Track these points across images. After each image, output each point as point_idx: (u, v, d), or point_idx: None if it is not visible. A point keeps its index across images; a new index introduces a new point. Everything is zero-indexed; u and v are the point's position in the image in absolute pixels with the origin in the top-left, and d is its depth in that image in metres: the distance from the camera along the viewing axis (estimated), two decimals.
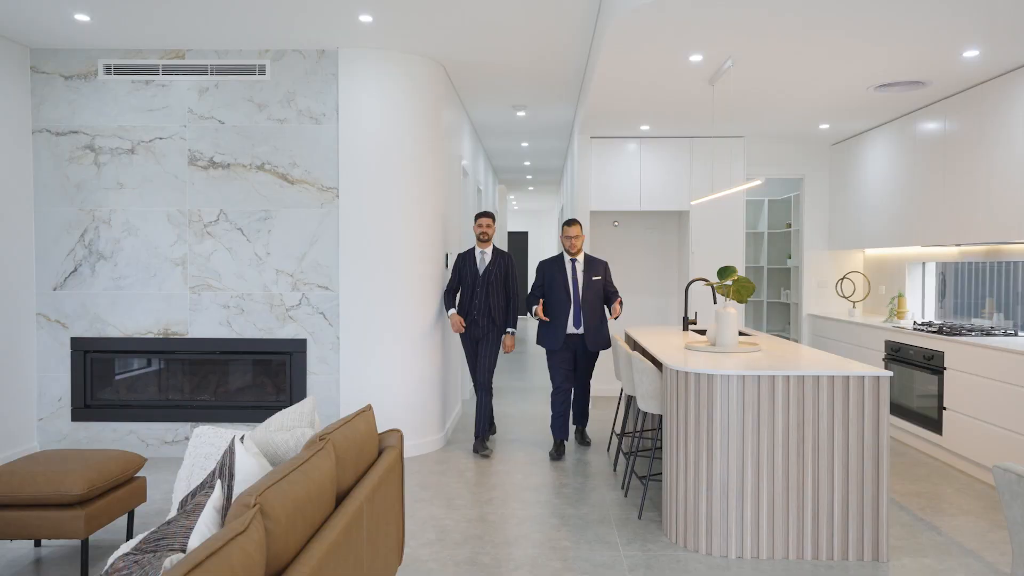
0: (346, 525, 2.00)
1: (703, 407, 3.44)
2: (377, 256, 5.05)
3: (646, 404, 4.00)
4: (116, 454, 3.38)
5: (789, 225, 8.37)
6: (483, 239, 5.29)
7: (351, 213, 5.06)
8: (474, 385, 5.39)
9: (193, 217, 5.09)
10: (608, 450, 5.33)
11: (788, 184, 8.52)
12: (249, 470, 2.08)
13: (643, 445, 5.12)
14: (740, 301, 4.32)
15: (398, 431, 2.82)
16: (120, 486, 3.37)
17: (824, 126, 6.52)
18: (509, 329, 5.28)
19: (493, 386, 6.11)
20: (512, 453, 5.26)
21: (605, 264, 5.25)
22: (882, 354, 5.86)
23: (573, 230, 5.15)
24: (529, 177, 12.43)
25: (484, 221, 5.30)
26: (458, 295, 5.44)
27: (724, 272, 4.26)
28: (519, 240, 17.47)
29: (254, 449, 2.27)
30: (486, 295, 5.27)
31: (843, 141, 7.22)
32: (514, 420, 6.40)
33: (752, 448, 3.38)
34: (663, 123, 6.39)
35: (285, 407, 5.07)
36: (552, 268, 5.22)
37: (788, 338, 8.20)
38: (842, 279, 7.27)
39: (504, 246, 13.08)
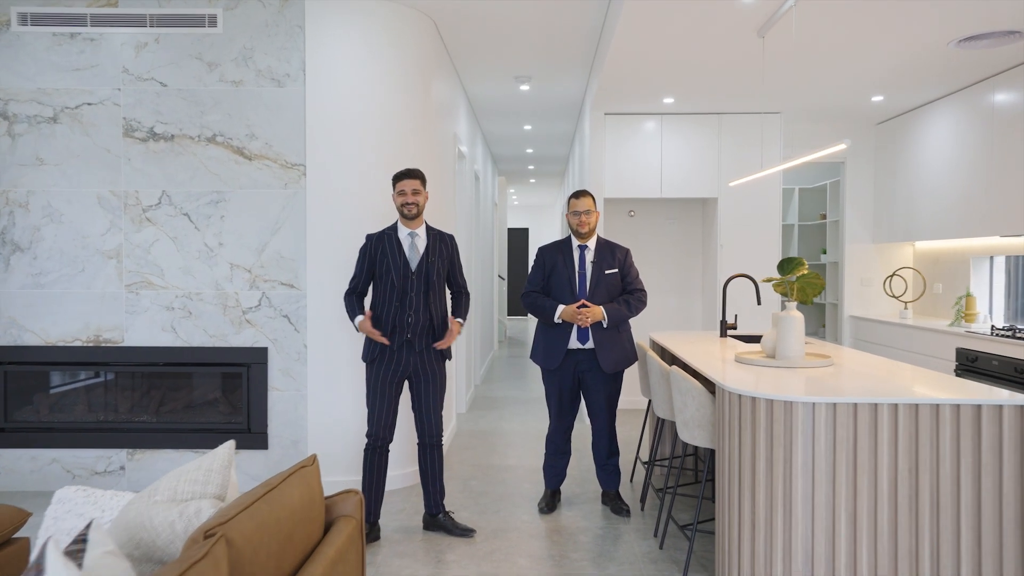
0: None
1: (778, 445, 2.55)
2: (352, 247, 4.14)
3: (691, 434, 3.11)
4: None
5: (823, 216, 7.49)
6: (408, 213, 3.45)
7: (321, 195, 4.16)
8: (365, 439, 3.60)
9: (129, 200, 4.19)
10: (631, 481, 4.43)
11: (821, 171, 7.63)
12: None
13: (678, 475, 4.22)
14: (804, 302, 3.43)
15: (356, 494, 1.92)
16: None
17: (877, 98, 5.63)
18: (459, 318, 3.63)
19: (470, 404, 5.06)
20: (516, 485, 4.36)
21: (626, 252, 3.88)
22: (952, 364, 4.97)
23: (583, 203, 3.78)
24: (531, 168, 11.54)
25: (408, 184, 3.44)
26: (367, 302, 3.64)
27: (788, 265, 3.37)
28: (519, 237, 16.58)
29: (105, 548, 1.37)
30: (425, 302, 3.45)
31: (892, 119, 6.33)
32: (517, 437, 5.51)
33: (847, 501, 2.49)
34: (691, 94, 5.50)
35: (242, 430, 4.19)
36: (554, 255, 3.86)
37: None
38: (891, 276, 6.38)
39: (503, 244, 12.16)
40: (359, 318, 3.46)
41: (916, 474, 2.47)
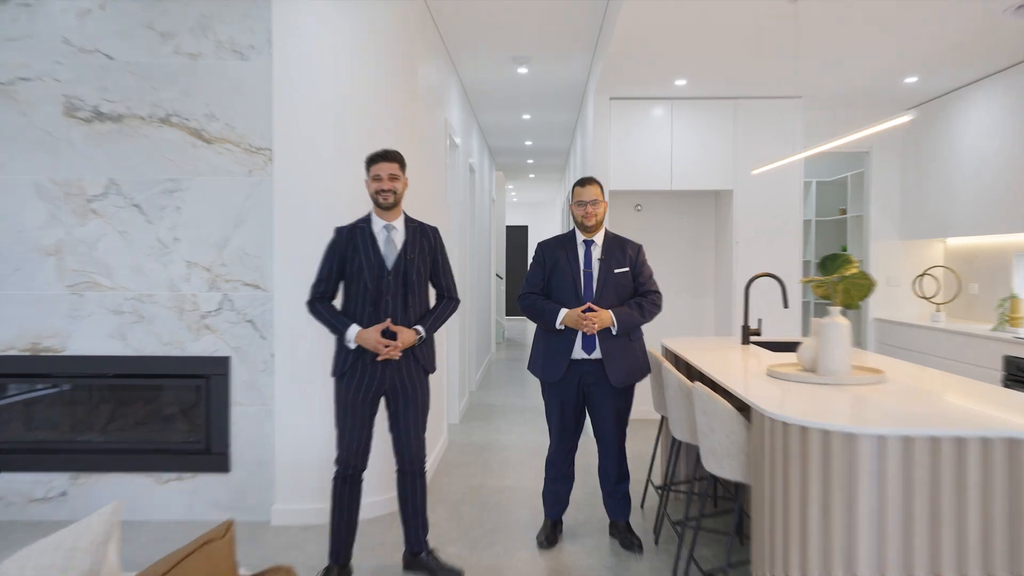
0: None
1: (836, 485, 2.04)
2: (326, 243, 3.64)
3: (719, 465, 2.61)
4: None
5: (843, 211, 6.98)
6: (384, 202, 2.94)
7: (290, 183, 3.65)
8: (342, 466, 2.98)
9: (72, 189, 3.69)
10: (643, 507, 3.92)
11: (842, 163, 7.12)
12: None
13: (700, 507, 3.70)
14: (850, 306, 2.93)
15: (287, 572, 1.41)
16: None
17: (911, 79, 5.12)
18: (418, 326, 2.95)
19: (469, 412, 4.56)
20: (513, 512, 3.86)
21: (638, 248, 3.37)
22: (997, 373, 4.47)
23: (589, 191, 3.28)
24: (530, 162, 11.03)
25: (384, 168, 2.91)
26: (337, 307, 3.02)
27: (832, 263, 2.87)
28: (518, 235, 16.07)
29: None
30: (403, 305, 2.93)
31: (924, 103, 5.82)
32: (515, 452, 5.00)
33: (927, 558, 1.98)
34: (706, 76, 4.98)
35: (201, 450, 3.69)
36: (556, 252, 3.35)
37: None
38: (921, 275, 5.88)
39: (501, 242, 11.65)
40: (353, 329, 2.85)
41: (1013, 523, 1.96)
